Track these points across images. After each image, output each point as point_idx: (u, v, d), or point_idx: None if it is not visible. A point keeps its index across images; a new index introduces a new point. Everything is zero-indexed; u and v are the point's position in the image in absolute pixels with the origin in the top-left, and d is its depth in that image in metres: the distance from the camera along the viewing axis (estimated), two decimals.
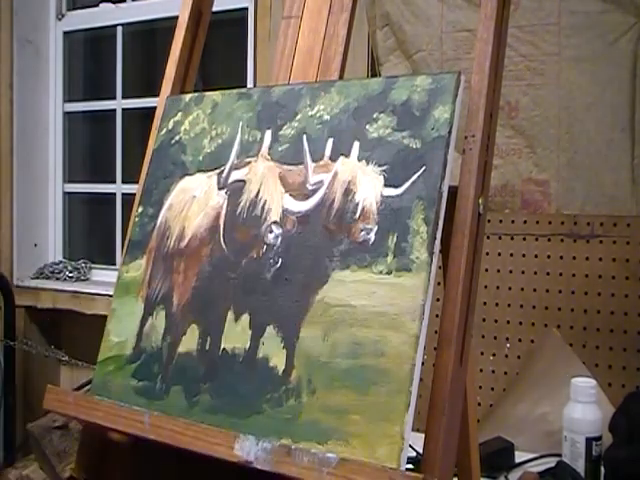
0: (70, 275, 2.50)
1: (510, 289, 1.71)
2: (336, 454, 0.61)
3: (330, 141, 0.73)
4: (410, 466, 0.69)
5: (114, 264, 2.50)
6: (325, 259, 0.69)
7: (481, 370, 1.71)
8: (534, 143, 1.71)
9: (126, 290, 0.83)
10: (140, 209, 0.86)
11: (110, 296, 0.86)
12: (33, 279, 2.50)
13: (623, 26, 1.62)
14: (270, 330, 0.70)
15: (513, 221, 1.72)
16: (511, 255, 1.71)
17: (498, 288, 1.71)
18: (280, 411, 0.63)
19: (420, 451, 0.63)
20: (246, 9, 2.18)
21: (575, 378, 1.21)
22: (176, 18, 0.95)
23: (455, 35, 1.78)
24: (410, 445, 0.62)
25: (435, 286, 0.64)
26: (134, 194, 0.89)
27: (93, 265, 2.55)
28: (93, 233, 2.74)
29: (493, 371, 1.71)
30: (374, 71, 1.86)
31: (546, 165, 1.70)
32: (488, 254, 1.70)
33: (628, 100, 1.62)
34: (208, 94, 0.86)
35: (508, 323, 1.70)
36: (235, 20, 2.23)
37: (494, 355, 1.71)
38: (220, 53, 2.36)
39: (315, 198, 0.72)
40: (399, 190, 0.67)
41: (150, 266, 0.82)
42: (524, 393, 1.53)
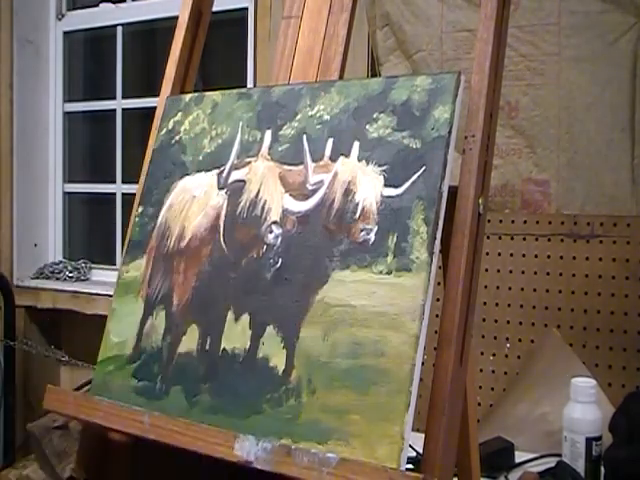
0: (70, 275, 2.50)
1: (510, 289, 1.71)
2: (336, 454, 0.61)
3: (330, 141, 0.73)
4: (410, 466, 0.69)
5: (114, 264, 2.50)
6: (325, 259, 0.69)
7: (481, 370, 1.71)
8: (534, 143, 1.71)
9: (126, 290, 0.83)
10: (140, 209, 0.86)
11: (110, 296, 0.86)
12: (33, 279, 2.49)
13: (623, 26, 1.62)
14: (270, 330, 0.70)
15: (513, 221, 1.72)
16: (511, 255, 1.71)
17: (498, 288, 1.71)
18: (280, 411, 0.63)
19: (420, 451, 0.63)
20: (246, 9, 2.18)
21: (575, 378, 1.21)
22: (176, 18, 0.95)
23: (455, 35, 1.78)
24: (410, 445, 0.62)
25: (435, 286, 0.64)
26: (134, 194, 0.89)
27: (93, 265, 2.55)
28: (93, 233, 2.74)
29: (493, 371, 1.71)
30: (374, 71, 1.86)
31: (546, 165, 1.70)
32: (488, 254, 1.70)
33: (628, 100, 1.62)
34: (208, 94, 0.86)
35: (508, 323, 1.70)
36: (235, 20, 2.23)
37: (494, 355, 1.71)
38: (220, 53, 2.36)
39: (315, 198, 0.72)
40: (399, 190, 0.67)
41: (150, 266, 0.82)
42: (524, 393, 1.53)
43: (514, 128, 1.72)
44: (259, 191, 0.76)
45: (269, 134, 0.78)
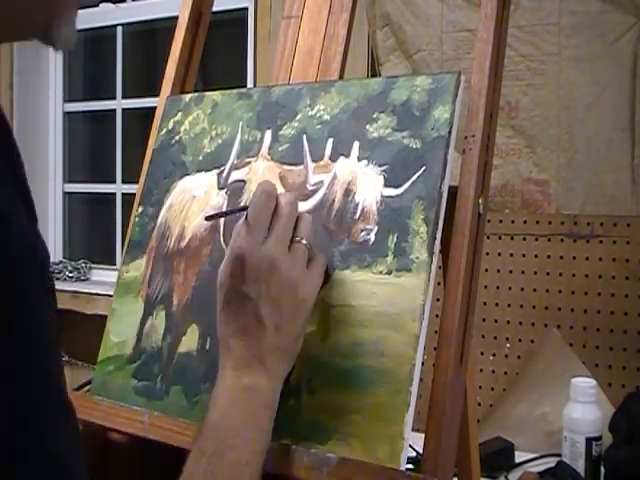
0: (70, 275, 2.50)
1: (510, 289, 1.71)
2: (336, 454, 0.61)
3: (330, 141, 0.73)
4: (410, 466, 0.69)
5: (114, 264, 2.50)
6: (325, 259, 0.69)
7: (481, 370, 1.71)
8: (534, 143, 1.71)
9: (126, 290, 0.83)
10: (140, 209, 0.86)
11: (110, 296, 0.86)
12: None
13: (623, 26, 1.62)
14: None
15: (513, 221, 1.72)
16: (511, 255, 1.71)
17: (498, 288, 1.71)
18: (280, 411, 0.63)
19: (420, 451, 0.63)
20: (246, 9, 2.18)
21: (575, 378, 1.21)
22: (176, 18, 0.95)
23: (455, 35, 1.78)
24: (410, 445, 0.62)
25: (435, 286, 0.64)
26: (134, 194, 0.89)
27: (93, 265, 2.55)
28: (93, 233, 2.74)
29: (493, 371, 1.71)
30: (374, 71, 1.86)
31: (546, 165, 1.70)
32: (488, 254, 1.70)
33: (628, 100, 1.62)
34: (208, 94, 0.86)
35: (508, 323, 1.71)
36: (235, 20, 2.24)
37: (494, 355, 1.71)
38: (220, 53, 2.36)
39: (315, 198, 0.72)
40: (399, 190, 0.67)
41: (150, 266, 0.82)
42: (524, 393, 1.53)
43: (514, 128, 1.72)
44: None
45: (269, 134, 0.78)
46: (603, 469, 1.15)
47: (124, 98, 2.52)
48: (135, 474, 0.84)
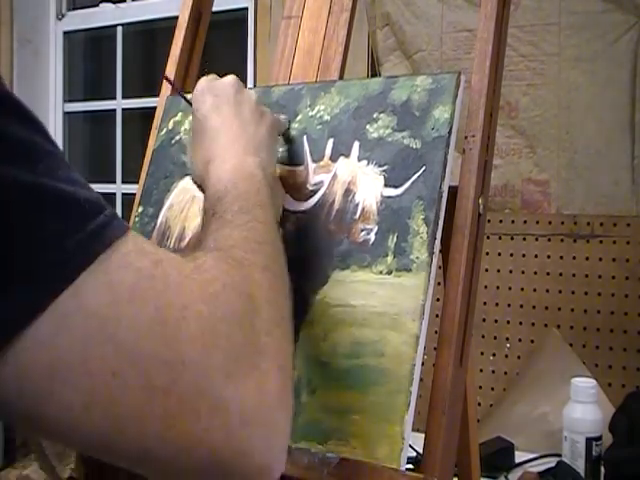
0: None
1: (510, 289, 1.71)
2: (336, 454, 0.61)
3: (330, 141, 0.73)
4: (410, 466, 0.69)
5: None
6: (325, 259, 0.69)
7: (481, 370, 1.71)
8: (534, 143, 1.71)
9: None
10: (140, 209, 0.86)
11: None
12: None
13: (623, 26, 1.62)
14: None
15: (513, 221, 1.72)
16: (511, 255, 1.71)
17: (498, 288, 1.71)
18: None
19: (420, 451, 0.63)
20: (246, 9, 2.18)
21: (575, 378, 1.21)
22: (176, 18, 0.95)
23: (455, 35, 1.78)
24: (410, 445, 0.62)
25: (435, 286, 0.64)
26: (134, 194, 0.89)
27: None
28: None
29: (493, 371, 1.71)
30: (374, 71, 1.86)
31: (546, 165, 1.70)
32: (488, 254, 1.70)
33: (628, 100, 1.62)
34: None
35: (508, 323, 1.71)
36: (235, 20, 2.23)
37: (494, 355, 1.71)
38: (220, 53, 2.36)
39: (315, 198, 0.72)
40: (399, 190, 0.67)
41: None
42: (524, 393, 1.53)
43: (514, 128, 1.72)
44: None
45: None
46: (603, 469, 1.15)
47: (124, 98, 2.52)
48: (135, 474, 0.84)
